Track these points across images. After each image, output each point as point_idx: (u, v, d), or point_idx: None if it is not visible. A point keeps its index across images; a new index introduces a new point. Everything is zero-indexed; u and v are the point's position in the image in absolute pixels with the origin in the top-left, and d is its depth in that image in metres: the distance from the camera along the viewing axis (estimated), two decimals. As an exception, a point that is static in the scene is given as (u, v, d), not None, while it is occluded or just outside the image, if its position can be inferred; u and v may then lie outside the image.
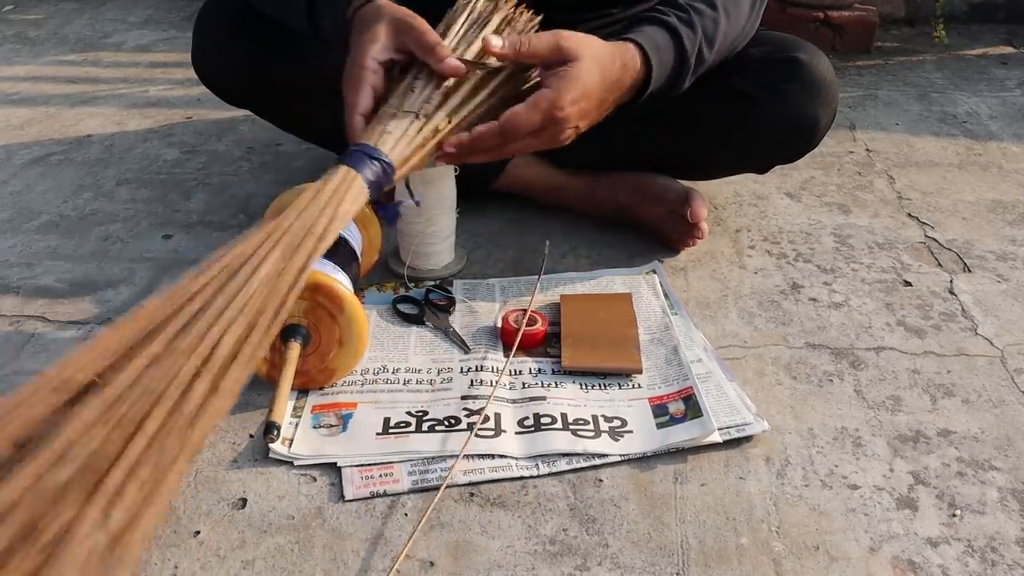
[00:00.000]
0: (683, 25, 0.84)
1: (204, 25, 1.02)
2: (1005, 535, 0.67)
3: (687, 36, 0.84)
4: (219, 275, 0.62)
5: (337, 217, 0.67)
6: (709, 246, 1.06)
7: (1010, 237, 1.10)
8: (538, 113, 0.74)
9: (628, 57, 0.80)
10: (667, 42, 0.83)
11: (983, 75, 1.71)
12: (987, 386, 0.83)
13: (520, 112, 0.74)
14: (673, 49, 0.84)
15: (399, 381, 0.82)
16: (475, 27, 0.81)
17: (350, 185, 0.69)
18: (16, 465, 0.48)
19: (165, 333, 0.57)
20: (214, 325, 0.58)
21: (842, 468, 0.73)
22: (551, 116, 0.75)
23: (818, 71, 0.95)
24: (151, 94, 1.62)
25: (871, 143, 1.39)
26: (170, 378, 0.54)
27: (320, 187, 0.68)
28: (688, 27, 0.84)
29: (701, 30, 0.85)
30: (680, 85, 0.86)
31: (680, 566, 0.64)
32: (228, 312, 0.59)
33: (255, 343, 0.59)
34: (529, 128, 0.75)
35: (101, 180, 1.26)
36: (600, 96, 0.78)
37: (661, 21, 0.84)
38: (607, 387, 0.81)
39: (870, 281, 1.00)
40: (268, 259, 0.63)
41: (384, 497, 0.69)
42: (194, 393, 0.54)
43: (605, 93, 0.79)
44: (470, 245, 1.06)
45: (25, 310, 0.94)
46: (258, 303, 0.61)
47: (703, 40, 0.85)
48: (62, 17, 2.12)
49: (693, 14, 0.85)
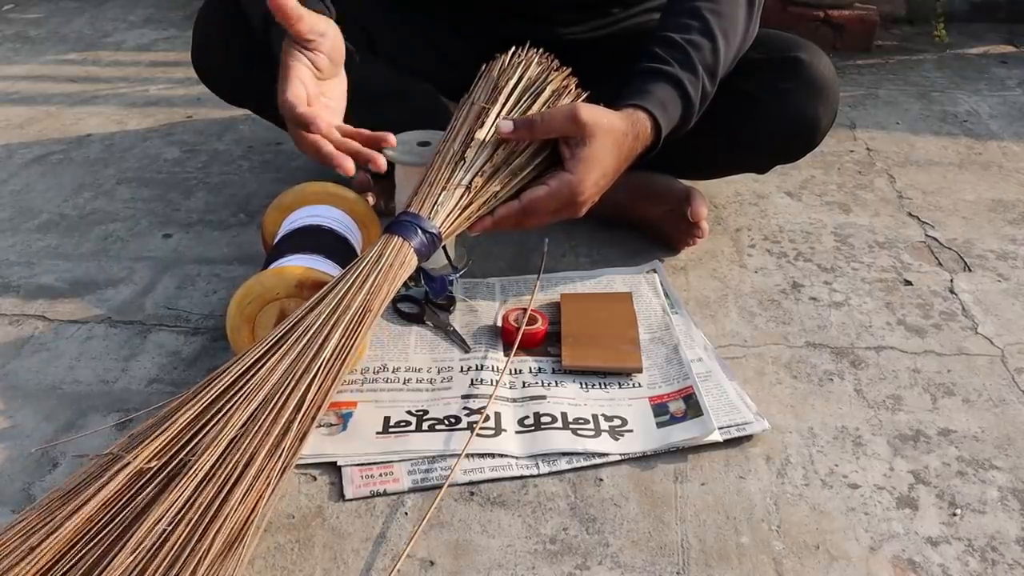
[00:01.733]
0: (684, 71, 0.85)
1: (204, 24, 1.02)
2: (1005, 534, 0.66)
3: (690, 83, 0.85)
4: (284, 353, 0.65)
5: (392, 291, 0.71)
6: (709, 245, 1.06)
7: (1010, 236, 1.10)
8: (558, 199, 0.78)
9: (640, 127, 0.82)
10: (673, 97, 0.84)
11: (983, 74, 1.71)
12: (987, 385, 0.83)
13: (541, 196, 0.78)
14: (680, 102, 0.85)
15: (399, 380, 0.81)
16: (528, 95, 0.83)
17: (404, 258, 0.72)
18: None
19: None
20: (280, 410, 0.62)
21: (842, 467, 0.73)
22: (571, 200, 0.78)
23: (819, 70, 0.95)
24: (151, 93, 1.62)
25: (871, 142, 1.39)
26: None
27: (375, 259, 0.71)
28: (690, 72, 0.85)
29: (702, 68, 0.86)
30: (686, 127, 0.88)
31: (680, 565, 0.64)
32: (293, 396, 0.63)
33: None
34: (548, 210, 0.78)
35: (101, 179, 1.26)
36: (616, 170, 0.82)
37: (664, 75, 0.84)
38: (607, 386, 0.81)
39: (870, 280, 1.00)
40: (332, 336, 0.66)
41: (384, 496, 0.69)
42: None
43: (620, 166, 0.82)
44: (470, 244, 1.06)
45: (25, 309, 0.94)
46: (321, 381, 0.64)
47: (705, 78, 0.86)
48: (62, 16, 2.12)
49: (692, 52, 0.85)
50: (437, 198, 0.75)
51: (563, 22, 1.01)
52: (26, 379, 0.83)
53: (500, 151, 0.79)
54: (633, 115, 0.82)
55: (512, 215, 0.78)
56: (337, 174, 0.76)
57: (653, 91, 0.84)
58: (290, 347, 0.65)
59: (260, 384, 0.62)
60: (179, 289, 0.98)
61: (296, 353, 0.64)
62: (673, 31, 0.86)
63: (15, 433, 0.76)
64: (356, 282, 0.69)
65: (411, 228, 0.73)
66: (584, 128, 0.77)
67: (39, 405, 0.80)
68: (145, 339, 0.89)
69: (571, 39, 1.01)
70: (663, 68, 0.85)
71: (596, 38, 1.02)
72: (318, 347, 0.64)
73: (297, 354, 0.64)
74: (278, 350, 0.65)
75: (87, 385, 0.82)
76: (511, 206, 0.78)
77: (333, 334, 0.65)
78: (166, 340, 0.89)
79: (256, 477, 0.57)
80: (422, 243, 0.73)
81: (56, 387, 0.82)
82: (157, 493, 0.56)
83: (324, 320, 0.66)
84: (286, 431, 0.60)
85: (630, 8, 1.03)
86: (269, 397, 0.61)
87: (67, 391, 0.81)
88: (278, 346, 0.65)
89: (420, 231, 0.73)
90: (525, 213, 0.78)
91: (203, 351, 0.87)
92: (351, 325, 0.67)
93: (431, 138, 0.97)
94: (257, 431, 0.59)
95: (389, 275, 0.70)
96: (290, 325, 0.67)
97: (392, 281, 0.70)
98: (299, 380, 0.63)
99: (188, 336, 0.89)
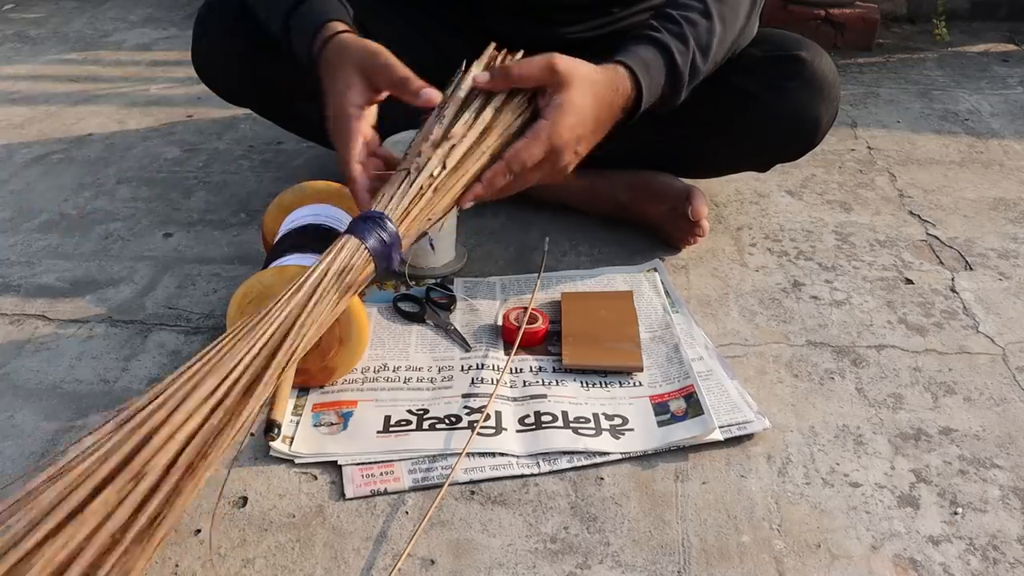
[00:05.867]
0: (674, 40, 0.84)
1: (204, 24, 1.02)
2: (1007, 533, 0.66)
3: (678, 51, 0.84)
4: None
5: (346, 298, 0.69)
6: (710, 244, 1.06)
7: (1012, 235, 1.10)
8: (538, 144, 0.76)
9: (620, 82, 0.81)
10: (657, 60, 0.84)
11: (984, 72, 1.71)
12: (988, 384, 0.83)
13: (520, 146, 0.76)
14: (664, 67, 0.84)
15: (400, 379, 0.81)
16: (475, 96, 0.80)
17: (359, 258, 0.69)
18: None
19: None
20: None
21: (843, 466, 0.73)
22: (551, 146, 0.77)
23: (820, 69, 0.95)
24: (152, 92, 1.62)
25: (872, 141, 1.39)
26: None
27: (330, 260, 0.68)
28: (680, 41, 0.85)
29: (694, 42, 0.85)
30: (675, 99, 0.87)
31: (681, 564, 0.64)
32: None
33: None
34: (533, 160, 0.76)
35: (102, 178, 1.26)
36: (595, 120, 0.80)
37: (652, 39, 0.85)
38: (608, 385, 0.81)
39: (871, 279, 1.00)
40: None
41: (385, 495, 0.69)
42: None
43: (600, 117, 0.80)
44: (471, 243, 1.06)
45: (26, 309, 0.94)
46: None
47: (696, 52, 0.86)
48: (62, 16, 2.12)
49: (686, 26, 0.85)
50: (397, 189, 0.73)
51: (563, 21, 1.01)
52: (26, 379, 0.83)
53: (469, 136, 0.76)
54: (613, 69, 0.81)
55: (500, 174, 0.76)
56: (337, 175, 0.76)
57: (637, 51, 0.83)
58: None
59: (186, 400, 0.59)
60: (179, 288, 0.98)
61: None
62: (672, 7, 0.87)
63: (15, 433, 0.76)
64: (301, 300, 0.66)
65: (369, 229, 0.70)
66: (559, 76, 0.76)
67: (39, 405, 0.80)
68: (146, 338, 0.89)
69: (571, 38, 1.01)
70: (652, 34, 0.85)
71: (596, 37, 1.02)
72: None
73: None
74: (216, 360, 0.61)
75: (88, 384, 0.82)
76: (496, 167, 0.77)
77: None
78: (167, 339, 0.89)
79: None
80: (380, 242, 0.70)
81: (56, 386, 0.82)
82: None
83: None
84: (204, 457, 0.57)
85: (631, 7, 1.02)
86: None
87: (67, 390, 0.81)
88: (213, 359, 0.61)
89: (379, 230, 0.70)
90: (511, 169, 0.76)
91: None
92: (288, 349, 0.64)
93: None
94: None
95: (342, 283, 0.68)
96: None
97: (345, 290, 0.68)
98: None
99: (189, 335, 0.89)
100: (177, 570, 0.63)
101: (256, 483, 0.70)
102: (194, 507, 0.68)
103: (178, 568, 0.63)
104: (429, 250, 0.98)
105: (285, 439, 0.73)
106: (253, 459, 0.73)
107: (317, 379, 0.79)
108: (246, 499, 0.69)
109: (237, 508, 0.68)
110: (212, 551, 0.64)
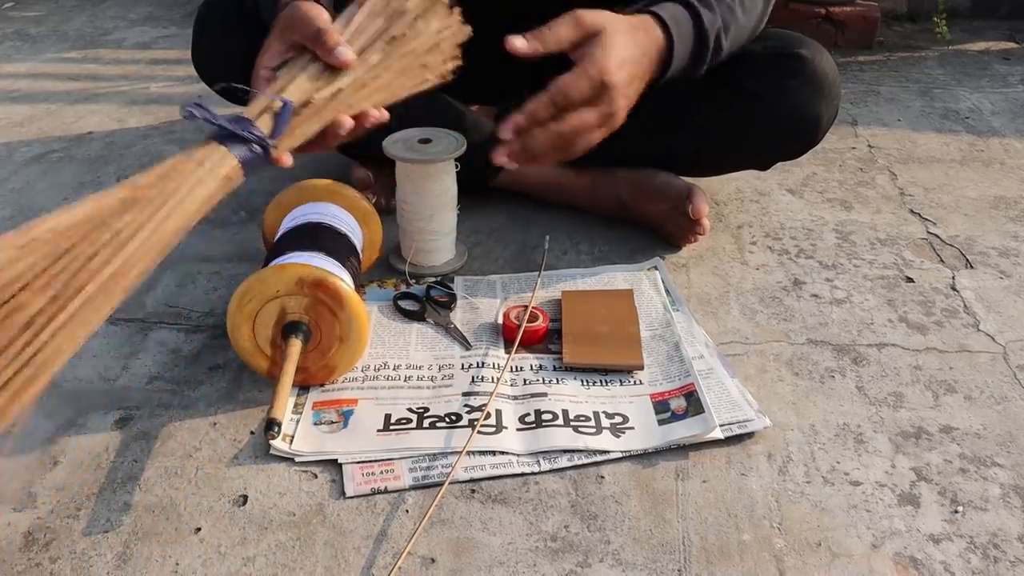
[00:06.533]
0: (703, 7, 0.83)
1: (203, 23, 1.02)
2: (1007, 532, 0.66)
3: (707, 16, 0.82)
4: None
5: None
6: (711, 242, 1.06)
7: (1012, 233, 1.10)
8: (585, 78, 0.71)
9: (649, 26, 0.78)
10: (686, 18, 0.82)
11: (985, 71, 1.71)
12: (989, 382, 0.83)
13: (566, 78, 0.71)
14: (692, 26, 0.82)
15: (400, 378, 0.81)
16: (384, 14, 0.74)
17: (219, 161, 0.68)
18: None
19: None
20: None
21: (844, 464, 0.73)
22: (601, 82, 0.71)
23: (820, 67, 0.95)
24: (152, 91, 1.62)
25: (873, 139, 1.39)
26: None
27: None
28: (708, 9, 0.83)
29: (720, 16, 0.84)
30: (700, 66, 0.85)
31: (682, 563, 0.64)
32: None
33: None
34: (580, 94, 0.71)
35: (102, 177, 1.26)
36: (638, 60, 0.75)
37: (680, 0, 0.82)
38: (608, 383, 0.81)
39: (872, 277, 1.00)
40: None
41: (385, 494, 0.69)
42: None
43: (640, 58, 0.76)
44: (471, 242, 1.06)
45: (26, 307, 0.94)
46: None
47: (722, 26, 0.84)
48: (62, 14, 2.12)
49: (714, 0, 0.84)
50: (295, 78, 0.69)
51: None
52: (27, 377, 0.83)
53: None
54: (642, 17, 0.78)
55: (542, 105, 0.70)
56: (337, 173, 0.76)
57: (665, 6, 0.80)
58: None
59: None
60: (180, 287, 0.98)
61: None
62: None
63: (15, 431, 0.76)
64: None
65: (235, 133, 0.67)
66: (589, 28, 0.72)
67: (39, 403, 0.79)
68: (146, 337, 0.89)
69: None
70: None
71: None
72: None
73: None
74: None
75: (88, 383, 0.82)
76: (538, 97, 0.70)
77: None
78: (167, 338, 0.89)
79: None
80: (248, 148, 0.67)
81: (56, 384, 0.82)
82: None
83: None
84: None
85: (631, 6, 1.02)
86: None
87: (68, 388, 0.81)
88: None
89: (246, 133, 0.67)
90: (554, 102, 0.70)
91: (204, 349, 0.87)
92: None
93: (432, 135, 0.97)
94: None
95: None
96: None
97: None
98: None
99: (189, 334, 0.89)
100: (177, 568, 0.63)
101: (256, 481, 0.70)
102: (194, 505, 0.68)
103: (178, 567, 0.63)
104: (430, 249, 0.98)
105: (285, 437, 0.73)
106: (253, 457, 0.73)
107: (317, 377, 0.79)
108: (246, 497, 0.69)
109: (237, 506, 0.68)
110: (212, 549, 0.64)
